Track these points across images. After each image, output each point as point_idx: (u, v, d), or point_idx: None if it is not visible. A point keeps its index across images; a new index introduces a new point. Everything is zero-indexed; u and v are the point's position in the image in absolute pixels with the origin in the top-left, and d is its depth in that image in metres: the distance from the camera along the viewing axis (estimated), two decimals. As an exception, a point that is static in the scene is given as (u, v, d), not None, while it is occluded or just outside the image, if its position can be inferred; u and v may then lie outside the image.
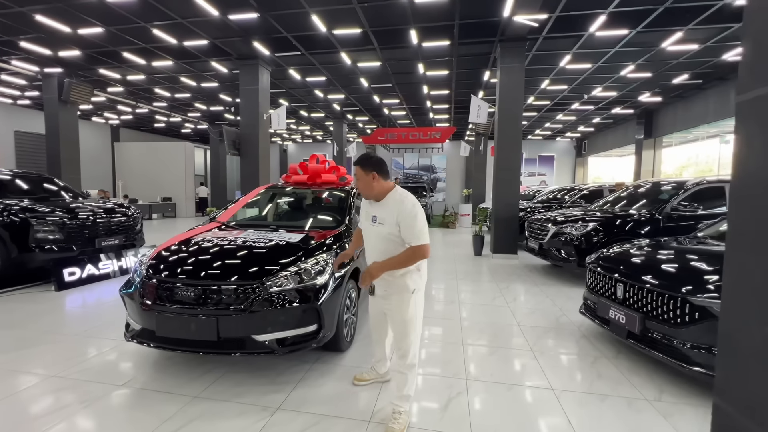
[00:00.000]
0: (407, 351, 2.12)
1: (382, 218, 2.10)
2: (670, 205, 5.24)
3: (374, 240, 2.16)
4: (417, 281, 2.13)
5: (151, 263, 2.65)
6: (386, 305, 2.20)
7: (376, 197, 2.15)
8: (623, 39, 7.33)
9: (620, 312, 2.90)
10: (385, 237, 2.09)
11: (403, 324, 2.13)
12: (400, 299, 2.12)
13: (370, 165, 2.12)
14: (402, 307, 2.12)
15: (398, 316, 2.14)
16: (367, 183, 2.12)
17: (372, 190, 2.13)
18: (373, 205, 2.19)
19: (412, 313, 2.12)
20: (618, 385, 2.60)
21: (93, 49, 8.30)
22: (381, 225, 2.09)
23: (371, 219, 2.16)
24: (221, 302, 2.39)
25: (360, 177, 2.12)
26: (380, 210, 2.13)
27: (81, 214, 5.37)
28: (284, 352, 2.43)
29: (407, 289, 2.11)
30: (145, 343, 2.48)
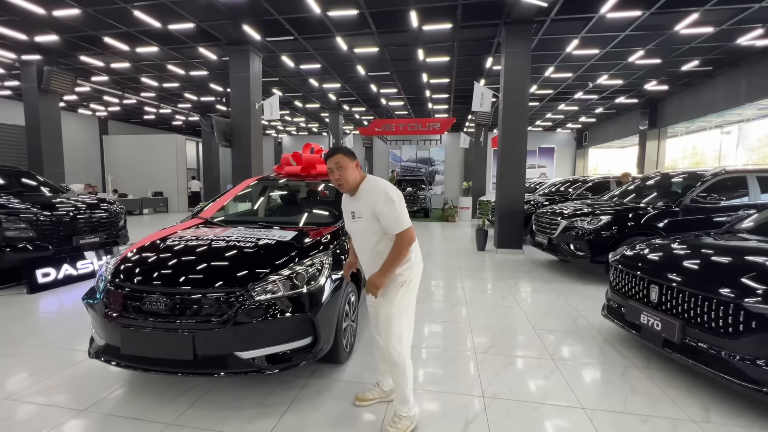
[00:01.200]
0: (390, 351, 1.94)
1: (360, 211, 1.95)
2: (689, 197, 4.91)
3: (359, 237, 2.01)
4: (408, 273, 1.96)
5: (116, 267, 2.28)
6: (377, 302, 2.02)
7: (352, 189, 1.97)
8: (635, 21, 6.94)
9: (655, 317, 2.57)
10: (367, 231, 1.95)
11: (387, 318, 1.95)
12: (387, 290, 1.94)
13: (351, 153, 2.00)
14: (387, 299, 1.94)
15: (382, 309, 1.97)
16: (353, 172, 1.96)
17: (354, 180, 1.96)
18: (349, 200, 2.03)
19: (398, 306, 1.94)
20: (656, 402, 2.28)
21: (72, 33, 7.78)
22: (360, 219, 1.95)
23: (351, 215, 2.01)
24: (198, 314, 2.03)
25: (346, 166, 1.94)
26: (357, 204, 1.97)
27: (58, 210, 4.96)
28: (274, 370, 2.08)
29: (395, 281, 1.94)
30: (109, 361, 2.11)
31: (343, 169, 1.93)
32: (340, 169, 1.93)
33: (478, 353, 2.93)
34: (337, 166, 1.93)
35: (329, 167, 1.95)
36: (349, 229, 2.09)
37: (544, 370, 2.66)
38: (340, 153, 1.96)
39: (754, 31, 7.30)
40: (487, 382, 2.49)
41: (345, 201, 2.08)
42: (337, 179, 1.94)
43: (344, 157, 1.95)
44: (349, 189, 1.97)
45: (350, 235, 2.14)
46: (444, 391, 2.40)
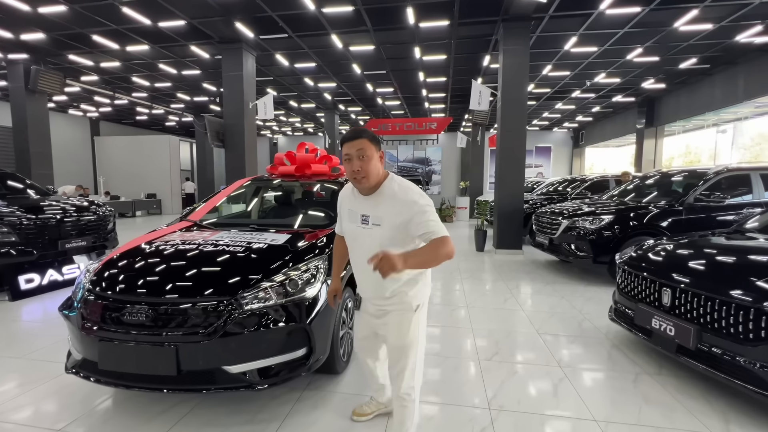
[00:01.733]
0: (401, 380, 1.65)
1: (377, 217, 1.56)
2: (692, 196, 4.82)
3: (368, 247, 1.55)
4: (422, 294, 1.66)
5: (95, 275, 2.12)
6: (379, 325, 1.72)
7: (371, 188, 1.57)
8: (634, 18, 6.85)
9: (668, 322, 2.44)
10: (383, 242, 1.53)
11: (400, 349, 1.65)
12: (400, 318, 1.63)
13: (378, 140, 1.58)
14: (401, 329, 1.63)
15: (395, 340, 1.65)
16: (377, 165, 1.55)
17: (377, 176, 1.56)
18: (360, 199, 1.62)
19: (413, 335, 1.63)
20: (672, 412, 2.16)
21: (59, 31, 7.57)
22: (377, 227, 1.55)
23: (359, 219, 1.61)
24: (182, 325, 1.87)
25: (371, 156, 1.52)
26: (373, 206, 1.58)
27: (44, 213, 4.77)
28: (265, 385, 1.93)
29: (409, 306, 1.62)
30: (87, 377, 1.95)
31: (366, 160, 1.51)
32: (362, 159, 1.51)
33: (481, 360, 2.80)
34: (359, 154, 1.51)
35: (347, 153, 1.52)
36: (351, 236, 1.68)
37: (552, 379, 2.53)
38: (365, 137, 1.53)
39: (753, 27, 7.24)
40: (492, 393, 2.36)
41: (352, 200, 1.66)
42: (355, 171, 1.51)
43: (370, 144, 1.53)
44: (368, 186, 1.55)
45: (346, 243, 1.73)
46: (447, 403, 2.26)
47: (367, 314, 1.79)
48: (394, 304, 1.63)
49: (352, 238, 1.68)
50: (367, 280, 1.66)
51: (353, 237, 1.67)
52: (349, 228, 1.69)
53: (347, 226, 1.70)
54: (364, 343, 1.91)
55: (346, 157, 1.54)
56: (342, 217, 1.75)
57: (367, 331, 1.85)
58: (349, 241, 1.71)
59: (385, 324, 1.68)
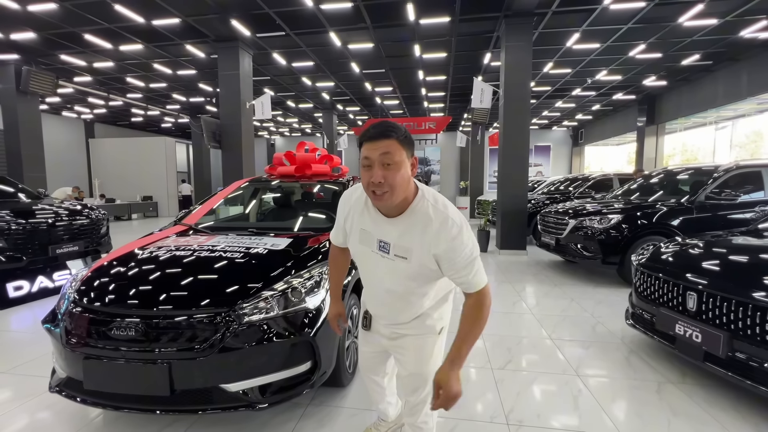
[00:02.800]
0: (419, 411, 1.44)
1: (403, 249, 1.19)
2: (703, 194, 4.70)
3: (387, 279, 1.27)
4: (446, 316, 1.47)
5: (82, 285, 1.95)
6: (394, 346, 1.46)
7: (395, 208, 1.18)
8: (638, 13, 6.74)
9: (694, 328, 2.30)
10: (406, 276, 1.23)
11: (420, 377, 1.41)
12: (422, 343, 1.39)
13: (411, 142, 1.17)
14: (423, 354, 1.40)
15: (414, 367, 1.41)
16: (405, 175, 1.13)
17: (405, 191, 1.15)
18: (378, 219, 1.23)
19: (435, 361, 1.39)
20: (704, 426, 2.01)
21: (50, 30, 7.38)
22: (401, 259, 1.20)
23: (376, 244, 1.24)
24: (176, 340, 1.71)
25: (400, 162, 1.10)
26: (397, 232, 1.19)
27: (33, 217, 4.59)
28: (267, 404, 1.78)
29: (432, 330, 1.40)
30: (72, 397, 1.79)
31: (393, 169, 1.09)
32: (387, 167, 1.09)
33: (494, 370, 2.65)
34: (384, 160, 1.09)
35: (367, 157, 1.11)
36: (363, 259, 1.34)
37: (571, 389, 2.39)
38: (394, 137, 1.10)
39: (758, 23, 7.14)
40: (509, 407, 2.21)
41: (365, 218, 1.27)
42: (377, 183, 1.09)
43: (400, 146, 1.10)
44: (392, 205, 1.15)
45: (356, 261, 1.42)
46: (462, 418, 2.11)
47: (378, 334, 1.51)
48: (414, 327, 1.39)
49: (365, 263, 1.37)
50: (383, 307, 1.42)
51: (366, 261, 1.35)
52: (360, 250, 1.34)
53: (359, 248, 1.33)
54: (371, 359, 1.63)
55: (364, 162, 1.11)
56: (349, 233, 1.37)
57: (375, 348, 1.57)
58: (359, 264, 1.41)
59: (402, 347, 1.43)
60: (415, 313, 1.37)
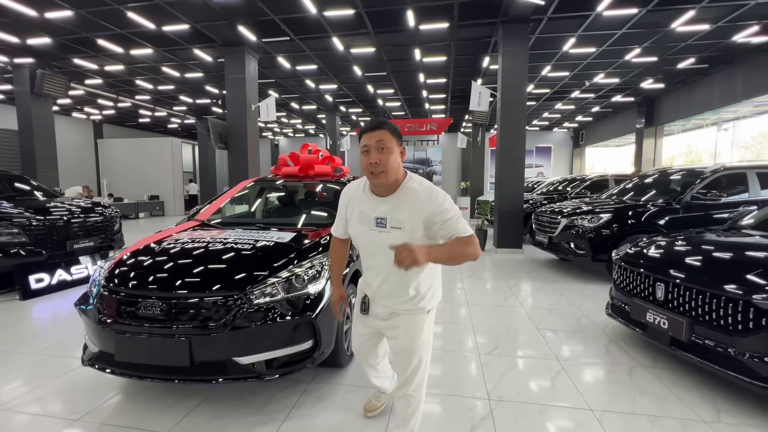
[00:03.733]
0: (410, 382, 1.64)
1: (397, 220, 1.44)
2: (689, 194, 4.89)
3: (384, 252, 1.43)
4: (435, 299, 1.66)
5: (110, 272, 2.21)
6: (387, 327, 1.66)
7: (388, 186, 1.47)
8: (632, 19, 6.94)
9: (661, 316, 2.52)
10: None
11: (411, 351, 1.61)
12: (412, 321, 1.59)
13: (400, 134, 1.47)
14: (413, 331, 1.59)
15: (405, 342, 1.61)
16: (396, 160, 1.44)
17: (395, 172, 1.45)
18: (374, 200, 1.50)
19: (425, 338, 1.62)
20: (665, 402, 2.23)
21: (65, 36, 7.70)
22: (397, 230, 1.44)
23: (373, 222, 1.49)
24: (195, 318, 1.96)
25: (391, 149, 1.42)
26: (391, 208, 1.46)
27: (51, 214, 4.88)
28: (273, 376, 2.02)
29: (422, 310, 1.59)
30: (103, 369, 2.04)
31: (386, 153, 1.40)
32: (381, 152, 1.40)
33: (481, 355, 2.88)
34: (379, 145, 1.40)
35: (365, 145, 1.42)
36: (364, 240, 1.55)
37: (549, 371, 2.61)
38: (386, 128, 1.42)
39: (749, 28, 7.32)
40: (492, 385, 2.44)
41: (363, 201, 1.53)
42: (373, 164, 1.40)
43: (391, 135, 1.42)
44: (386, 183, 1.44)
45: (358, 247, 1.62)
46: (448, 394, 2.35)
47: (372, 315, 1.70)
48: (407, 306, 1.58)
49: (366, 243, 1.56)
50: (385, 286, 1.57)
51: (367, 242, 1.55)
52: (359, 231, 1.55)
53: (357, 229, 1.55)
54: (366, 342, 1.80)
55: (363, 149, 1.43)
56: (350, 219, 1.60)
57: (368, 329, 1.75)
58: (361, 246, 1.60)
59: (395, 327, 1.62)
60: (410, 289, 1.53)
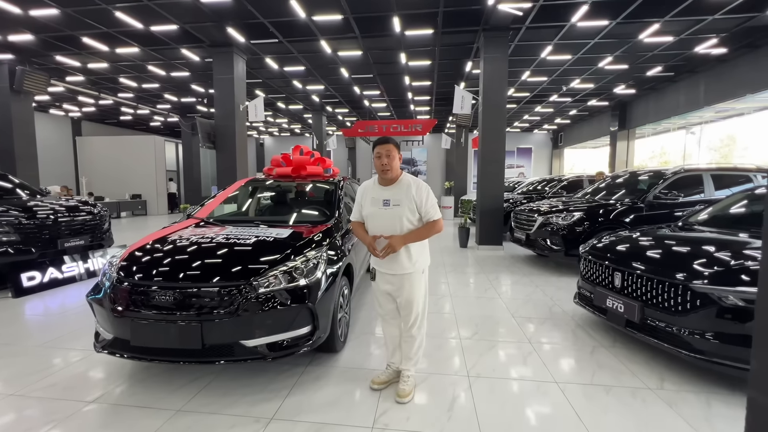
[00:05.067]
0: (413, 324, 2.31)
1: (397, 199, 2.22)
2: (652, 194, 5.34)
3: (389, 222, 2.23)
4: (426, 260, 2.35)
5: (122, 264, 2.39)
6: (396, 289, 2.30)
7: (392, 179, 2.27)
8: (603, 30, 7.41)
9: (618, 301, 2.87)
10: (400, 217, 2.21)
11: (413, 302, 2.27)
12: (412, 280, 2.26)
13: (399, 146, 2.30)
14: (415, 286, 2.26)
15: (409, 295, 2.27)
16: (397, 162, 2.27)
17: (397, 170, 2.27)
18: (381, 189, 2.30)
19: (423, 290, 2.32)
20: (620, 374, 2.58)
21: (48, 33, 7.62)
22: (396, 206, 2.22)
23: (381, 203, 2.25)
24: (205, 306, 2.17)
25: (394, 156, 2.25)
26: (393, 193, 2.25)
27: (40, 213, 4.91)
28: (276, 356, 2.25)
29: (420, 269, 2.28)
30: (118, 353, 2.22)
31: (391, 158, 2.22)
32: (388, 157, 2.22)
33: (463, 340, 3.17)
34: (387, 153, 2.21)
35: (378, 153, 2.22)
36: (373, 216, 2.29)
37: (522, 352, 2.93)
38: (392, 143, 2.25)
39: (709, 40, 7.92)
40: (471, 364, 2.73)
41: (374, 189, 2.31)
42: (383, 164, 2.21)
43: (394, 148, 2.26)
44: (391, 177, 2.25)
45: (366, 224, 2.35)
46: (432, 372, 2.62)
47: (384, 285, 2.33)
48: (407, 269, 2.24)
49: (374, 218, 2.28)
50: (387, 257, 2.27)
51: (375, 216, 2.28)
52: (371, 210, 2.29)
53: (370, 209, 2.29)
54: (384, 301, 2.39)
55: (377, 155, 2.24)
56: (364, 204, 2.35)
57: (388, 300, 2.38)
58: (372, 220, 2.29)
59: (401, 287, 2.27)
60: (406, 254, 2.24)
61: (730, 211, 3.50)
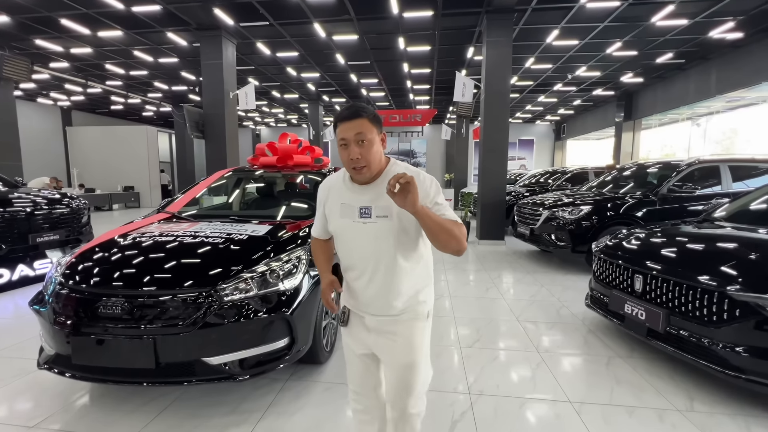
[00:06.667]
0: (411, 400, 1.33)
1: (383, 208, 1.21)
2: (665, 187, 5.00)
3: (371, 244, 1.25)
4: (431, 298, 1.37)
5: (68, 268, 2.05)
6: (381, 343, 1.32)
7: (372, 177, 1.26)
8: (614, 12, 6.98)
9: (639, 307, 2.55)
10: (390, 234, 1.23)
11: (411, 366, 1.30)
12: (411, 331, 1.29)
13: (379, 120, 1.25)
14: (413, 342, 1.29)
15: (405, 356, 1.30)
16: (379, 150, 1.24)
17: (379, 164, 1.25)
18: (355, 190, 1.27)
19: (422, 350, 1.32)
20: (641, 392, 2.26)
21: (24, 14, 7.17)
22: (383, 218, 1.22)
23: (357, 213, 1.25)
24: (160, 317, 1.84)
25: (372, 140, 1.19)
26: (375, 196, 1.24)
27: (12, 206, 4.57)
28: (247, 376, 1.93)
29: (422, 315, 1.31)
30: (61, 372, 1.90)
31: (366, 145, 1.18)
32: (361, 145, 1.18)
33: (463, 347, 2.86)
34: (359, 138, 1.17)
35: (343, 138, 1.19)
36: (347, 234, 1.29)
37: (530, 363, 2.62)
38: (365, 116, 1.18)
39: (725, 24, 7.49)
40: (473, 378, 2.42)
41: (343, 192, 1.30)
42: (354, 160, 1.18)
43: (370, 125, 1.19)
44: (369, 177, 1.24)
45: (339, 245, 1.34)
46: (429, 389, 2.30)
47: (360, 338, 1.36)
48: (403, 314, 1.30)
49: (349, 237, 1.30)
50: (372, 288, 1.28)
51: (350, 235, 1.29)
52: (342, 225, 1.29)
53: (339, 223, 1.30)
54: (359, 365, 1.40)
55: (341, 143, 1.20)
56: (329, 215, 1.34)
57: (360, 347, 1.37)
58: (343, 242, 1.33)
59: (392, 341, 1.30)
60: (401, 297, 1.28)
61: (762, 205, 3.16)
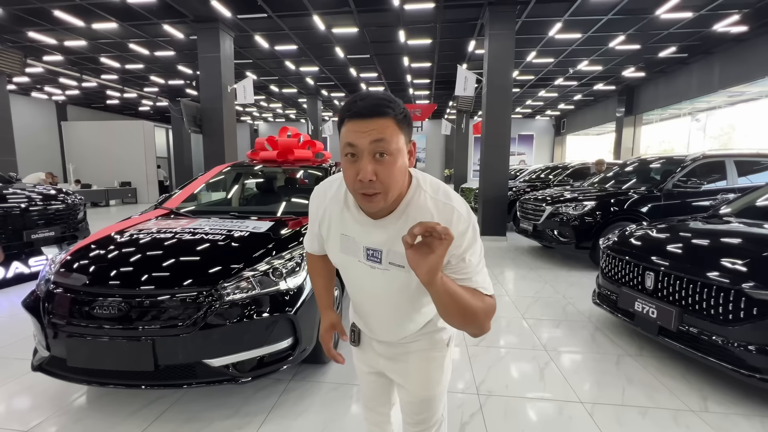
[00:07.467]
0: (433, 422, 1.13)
1: (398, 254, 0.87)
2: (671, 182, 4.94)
3: (380, 293, 0.98)
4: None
5: (61, 266, 1.97)
6: (393, 369, 1.12)
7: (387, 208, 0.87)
8: (618, 4, 6.87)
9: (650, 305, 2.49)
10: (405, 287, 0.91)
11: (430, 401, 1.10)
12: (428, 362, 1.08)
13: (409, 121, 0.84)
14: (432, 375, 1.08)
15: (422, 390, 1.09)
16: (403, 169, 0.83)
17: (400, 188, 0.85)
18: (362, 221, 0.91)
19: (443, 384, 1.11)
20: (654, 392, 2.21)
21: (16, 5, 7.00)
22: (398, 268, 0.88)
23: (362, 253, 0.92)
24: (159, 318, 1.77)
25: (396, 153, 0.79)
26: (389, 237, 0.88)
27: (5, 202, 4.47)
28: (249, 378, 1.86)
29: (441, 343, 1.08)
30: (55, 375, 1.83)
31: (388, 161, 0.78)
32: (379, 160, 0.77)
33: (469, 347, 2.80)
34: (376, 149, 0.77)
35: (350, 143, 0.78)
36: (349, 270, 1.00)
37: (538, 363, 2.56)
38: (390, 115, 0.77)
39: (730, 17, 7.39)
40: (480, 378, 2.36)
41: (346, 220, 0.94)
42: (364, 182, 0.78)
43: (397, 129, 0.79)
44: (384, 206, 0.83)
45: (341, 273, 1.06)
46: (436, 389, 2.25)
47: (372, 361, 1.16)
48: (418, 344, 1.08)
49: (353, 276, 1.01)
50: (377, 325, 1.08)
51: (352, 272, 1.00)
52: (343, 261, 0.99)
53: (339, 257, 1.00)
54: (371, 384, 1.21)
55: (348, 151, 0.79)
56: (326, 238, 1.01)
57: (371, 368, 1.18)
58: (346, 275, 1.04)
59: (406, 370, 1.09)
60: (416, 328, 1.06)
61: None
